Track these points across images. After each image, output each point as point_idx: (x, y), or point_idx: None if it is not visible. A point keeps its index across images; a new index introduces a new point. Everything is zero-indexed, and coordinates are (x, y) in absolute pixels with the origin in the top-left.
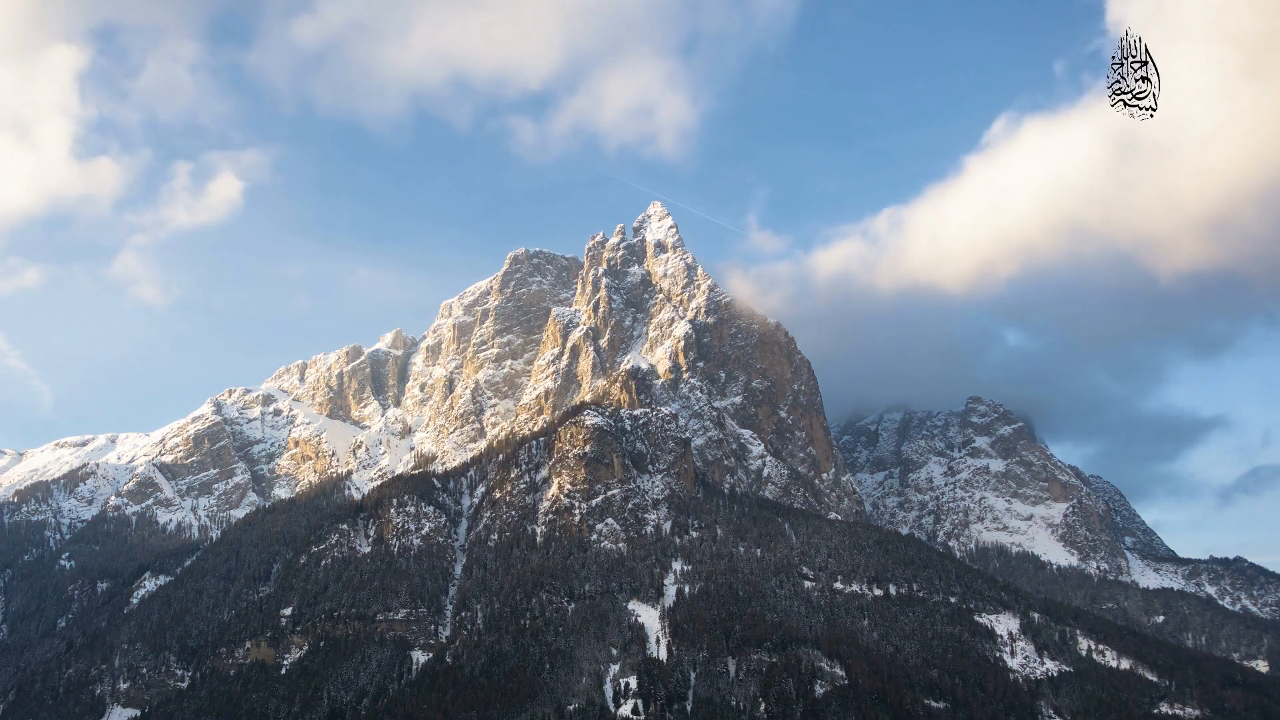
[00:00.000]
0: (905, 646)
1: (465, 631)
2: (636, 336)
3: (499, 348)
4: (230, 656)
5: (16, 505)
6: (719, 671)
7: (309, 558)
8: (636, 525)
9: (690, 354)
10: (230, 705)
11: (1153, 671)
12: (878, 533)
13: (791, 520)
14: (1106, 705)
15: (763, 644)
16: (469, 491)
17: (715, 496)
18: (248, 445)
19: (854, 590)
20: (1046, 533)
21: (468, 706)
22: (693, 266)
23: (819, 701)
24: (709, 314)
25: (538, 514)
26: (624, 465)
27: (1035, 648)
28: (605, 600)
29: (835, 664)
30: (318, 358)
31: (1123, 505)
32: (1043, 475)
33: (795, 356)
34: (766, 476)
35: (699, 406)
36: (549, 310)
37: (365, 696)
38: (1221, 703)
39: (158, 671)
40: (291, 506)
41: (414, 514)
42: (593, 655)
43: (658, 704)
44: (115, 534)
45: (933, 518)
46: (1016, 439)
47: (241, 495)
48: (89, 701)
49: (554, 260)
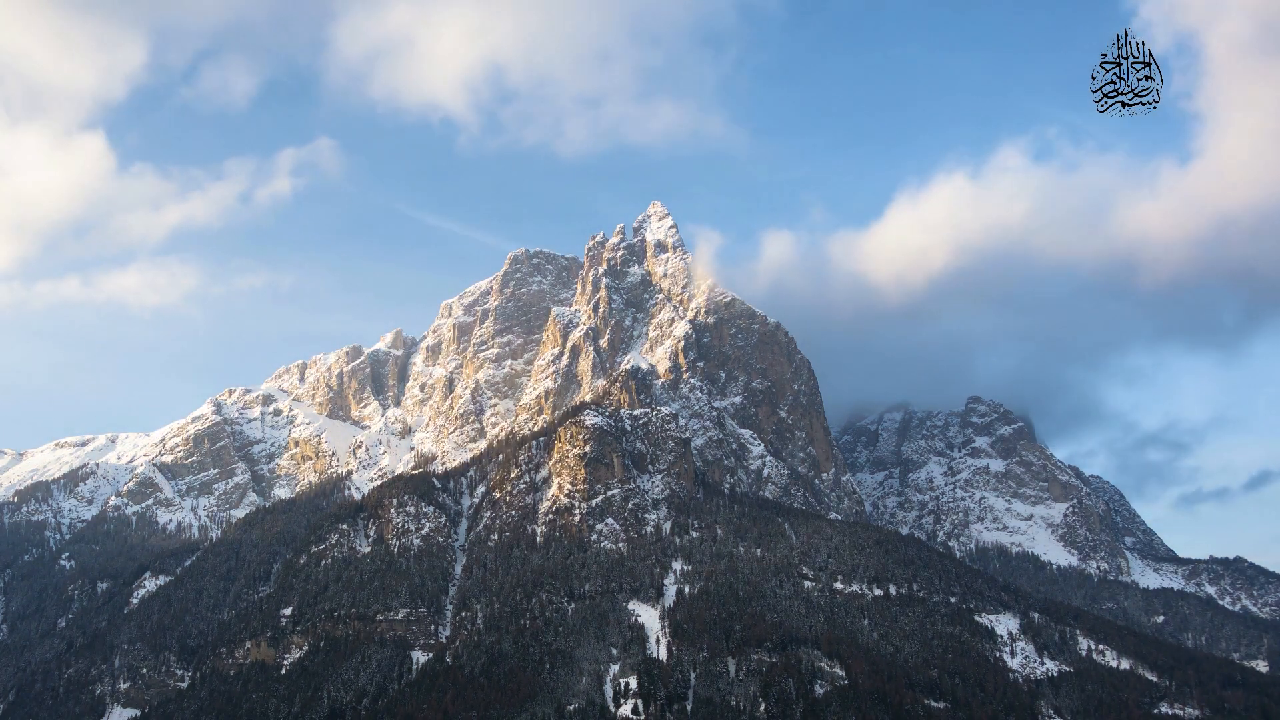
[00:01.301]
0: (905, 646)
1: (465, 631)
2: (636, 336)
3: (499, 348)
4: (230, 656)
5: (16, 505)
6: (719, 671)
7: (309, 558)
8: (636, 525)
9: (690, 354)
10: (230, 705)
11: (1153, 671)
12: (878, 533)
13: (791, 520)
14: (1106, 705)
15: (763, 644)
16: (469, 491)
17: (715, 496)
18: (248, 445)
19: (854, 590)
20: (1046, 533)
21: (468, 706)
22: (692, 266)
23: (819, 701)
24: (709, 314)
25: (538, 514)
26: (624, 465)
27: (1035, 648)
28: (605, 600)
29: (835, 664)
30: (318, 358)
31: (1123, 505)
32: (1043, 475)
33: (795, 356)
34: (766, 476)
35: (699, 406)
36: (549, 310)
37: (365, 696)
38: (1221, 703)
39: (158, 671)
40: (291, 506)
41: (414, 514)
42: (593, 655)
43: (658, 704)
44: (115, 534)
45: (933, 518)
46: (1016, 439)
47: (241, 495)
48: (89, 701)
49: (554, 260)
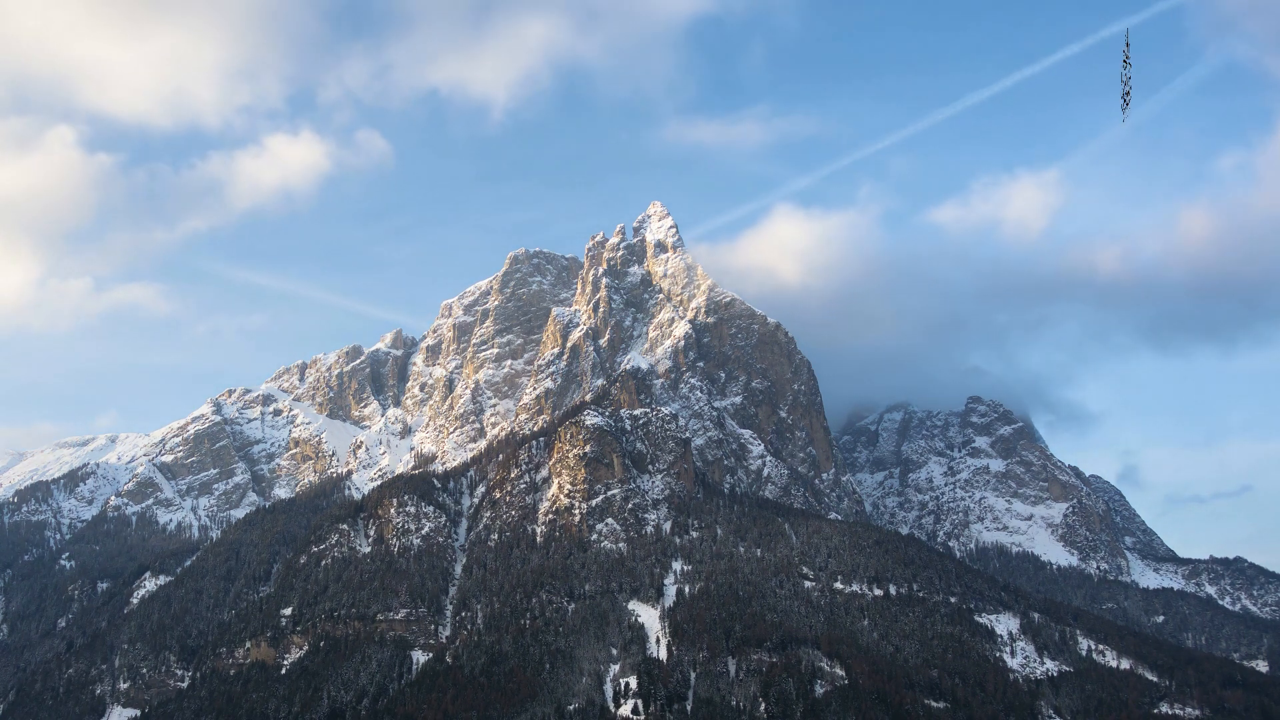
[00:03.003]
0: (905, 646)
1: (465, 631)
2: (636, 336)
3: (499, 348)
4: (230, 656)
5: (16, 505)
6: (719, 671)
7: (309, 558)
8: (636, 525)
9: (690, 354)
10: (230, 705)
11: (1153, 671)
12: (878, 533)
13: (791, 520)
14: (1106, 705)
15: (763, 644)
16: (469, 491)
17: (715, 496)
18: (248, 445)
19: (854, 590)
20: (1046, 533)
21: (468, 706)
22: (692, 266)
23: (819, 701)
24: (709, 314)
25: (538, 514)
26: (624, 465)
27: (1035, 648)
28: (605, 600)
29: (835, 664)
30: (318, 358)
31: (1122, 505)
32: (1043, 475)
33: (795, 356)
34: (766, 476)
35: (699, 406)
36: (549, 310)
37: (365, 696)
38: (1221, 703)
39: (158, 671)
40: (291, 506)
41: (414, 514)
42: (593, 655)
43: (658, 704)
44: (115, 534)
45: (933, 518)
46: (1016, 439)
47: (241, 495)
48: (89, 701)
49: (554, 260)
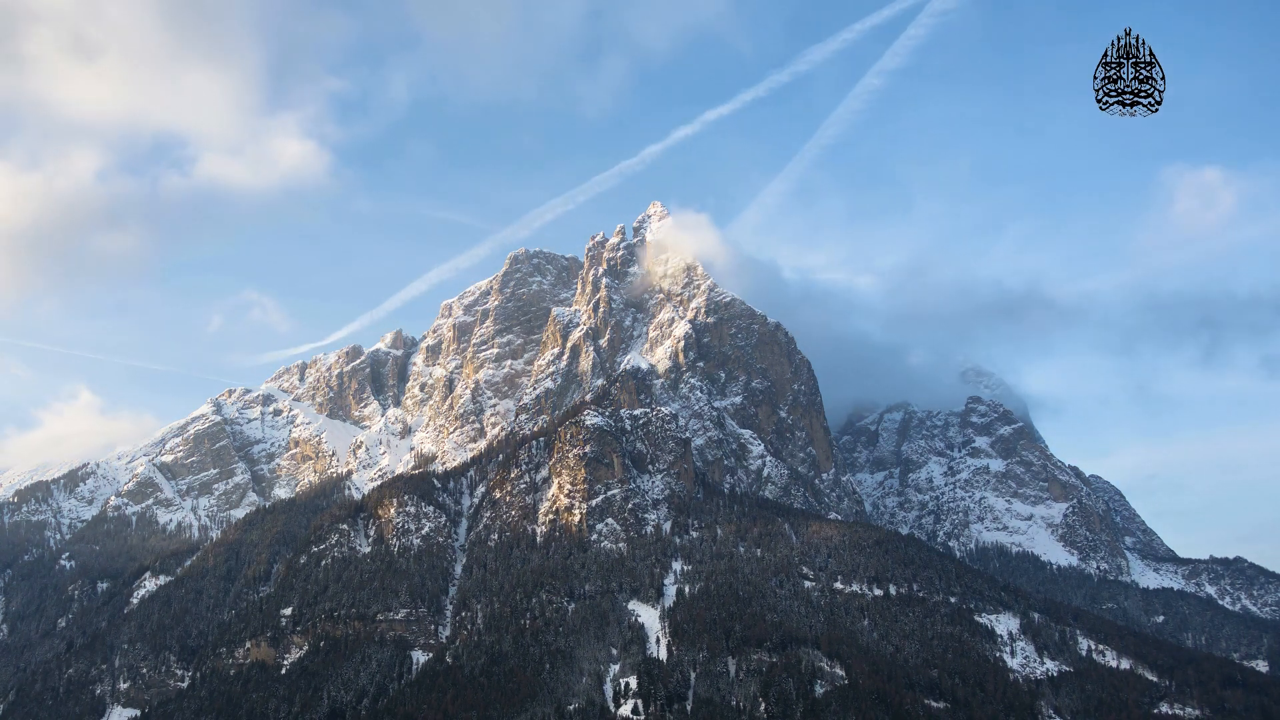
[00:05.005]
0: (905, 646)
1: (465, 631)
2: (636, 336)
3: (499, 348)
4: (230, 656)
5: (16, 505)
6: (719, 671)
7: (309, 558)
8: (636, 525)
9: (690, 354)
10: (230, 705)
11: (1153, 671)
12: (878, 533)
13: (791, 520)
14: (1106, 705)
15: (763, 644)
16: (469, 491)
17: (715, 496)
18: (248, 445)
19: (854, 590)
20: (1046, 533)
21: (468, 706)
22: (693, 266)
23: (819, 701)
24: (709, 314)
25: (538, 514)
26: (624, 465)
27: (1035, 648)
28: (605, 600)
29: (835, 664)
30: (318, 358)
31: (1122, 505)
32: (1042, 475)
33: (795, 356)
34: (766, 476)
35: (699, 406)
36: (549, 310)
37: (365, 696)
38: (1221, 703)
39: (158, 671)
40: (291, 506)
41: (414, 514)
42: (593, 655)
43: (658, 704)
44: (115, 534)
45: (933, 518)
46: (1016, 439)
47: (241, 495)
48: (89, 701)
49: (554, 260)
